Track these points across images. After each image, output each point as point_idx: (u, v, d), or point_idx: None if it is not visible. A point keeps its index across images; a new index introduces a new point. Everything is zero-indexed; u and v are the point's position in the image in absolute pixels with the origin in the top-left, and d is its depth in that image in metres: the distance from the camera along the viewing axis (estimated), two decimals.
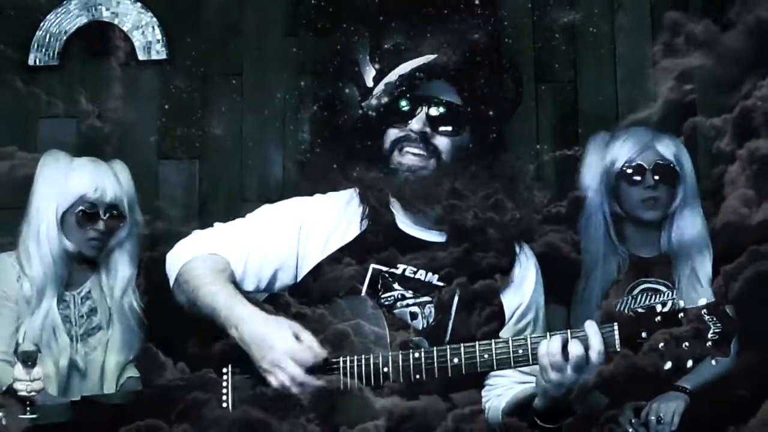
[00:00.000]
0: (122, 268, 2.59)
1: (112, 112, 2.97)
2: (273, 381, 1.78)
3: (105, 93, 3.01)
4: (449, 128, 2.00)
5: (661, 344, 1.73)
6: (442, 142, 1.99)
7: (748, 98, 2.27)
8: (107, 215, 2.54)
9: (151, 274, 1.90)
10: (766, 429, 1.97)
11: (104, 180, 2.56)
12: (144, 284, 1.86)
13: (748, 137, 2.31)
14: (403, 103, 2.01)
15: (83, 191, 2.53)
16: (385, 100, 2.01)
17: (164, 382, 1.80)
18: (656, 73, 2.51)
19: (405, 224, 2.04)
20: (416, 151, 1.98)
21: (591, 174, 2.47)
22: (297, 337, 1.80)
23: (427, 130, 1.98)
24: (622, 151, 2.43)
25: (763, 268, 2.21)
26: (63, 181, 2.54)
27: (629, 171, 2.41)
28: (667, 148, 2.43)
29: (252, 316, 1.82)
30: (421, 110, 1.99)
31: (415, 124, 1.98)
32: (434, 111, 1.99)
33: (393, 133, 2.01)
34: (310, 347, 1.79)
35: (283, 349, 1.78)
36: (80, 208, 2.53)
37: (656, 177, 2.40)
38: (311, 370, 1.78)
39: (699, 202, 2.44)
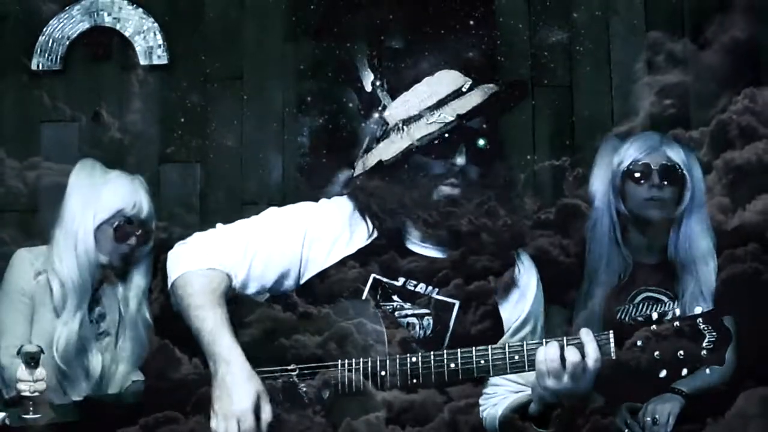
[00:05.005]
0: (137, 278, 2.60)
1: (114, 116, 2.98)
2: (212, 424, 1.79)
3: (107, 97, 3.03)
4: (484, 158, 1.99)
5: (656, 353, 1.73)
6: (473, 170, 1.99)
7: (724, 112, 2.38)
8: (140, 231, 2.56)
9: (165, 275, 1.97)
10: (742, 421, 2.02)
11: (140, 197, 2.57)
12: (160, 285, 1.93)
13: (724, 149, 2.41)
14: (447, 134, 1.97)
15: (122, 206, 2.53)
16: (431, 130, 1.96)
17: (180, 376, 1.85)
18: (639, 89, 2.57)
19: (413, 243, 2.03)
20: (456, 182, 1.97)
21: (599, 177, 2.48)
22: (257, 405, 1.79)
23: (467, 163, 1.96)
24: (629, 152, 2.42)
25: (738, 270, 2.30)
26: (99, 192, 2.53)
27: (635, 170, 2.40)
28: (677, 153, 2.41)
29: (229, 362, 1.81)
30: (463, 142, 1.97)
31: (459, 158, 1.96)
32: (477, 144, 1.98)
33: (437, 167, 1.97)
34: (263, 422, 1.79)
35: (237, 409, 1.77)
36: (118, 222, 2.53)
37: (662, 177, 2.38)
38: None
39: (706, 214, 2.41)
